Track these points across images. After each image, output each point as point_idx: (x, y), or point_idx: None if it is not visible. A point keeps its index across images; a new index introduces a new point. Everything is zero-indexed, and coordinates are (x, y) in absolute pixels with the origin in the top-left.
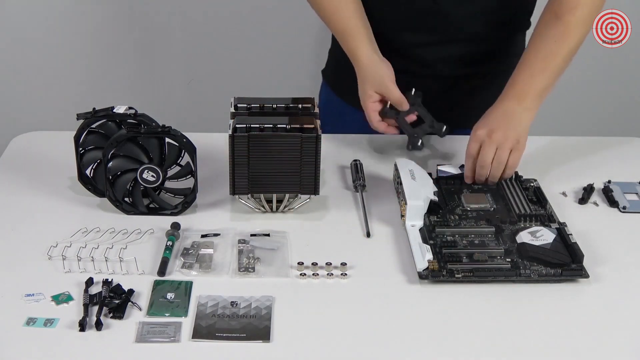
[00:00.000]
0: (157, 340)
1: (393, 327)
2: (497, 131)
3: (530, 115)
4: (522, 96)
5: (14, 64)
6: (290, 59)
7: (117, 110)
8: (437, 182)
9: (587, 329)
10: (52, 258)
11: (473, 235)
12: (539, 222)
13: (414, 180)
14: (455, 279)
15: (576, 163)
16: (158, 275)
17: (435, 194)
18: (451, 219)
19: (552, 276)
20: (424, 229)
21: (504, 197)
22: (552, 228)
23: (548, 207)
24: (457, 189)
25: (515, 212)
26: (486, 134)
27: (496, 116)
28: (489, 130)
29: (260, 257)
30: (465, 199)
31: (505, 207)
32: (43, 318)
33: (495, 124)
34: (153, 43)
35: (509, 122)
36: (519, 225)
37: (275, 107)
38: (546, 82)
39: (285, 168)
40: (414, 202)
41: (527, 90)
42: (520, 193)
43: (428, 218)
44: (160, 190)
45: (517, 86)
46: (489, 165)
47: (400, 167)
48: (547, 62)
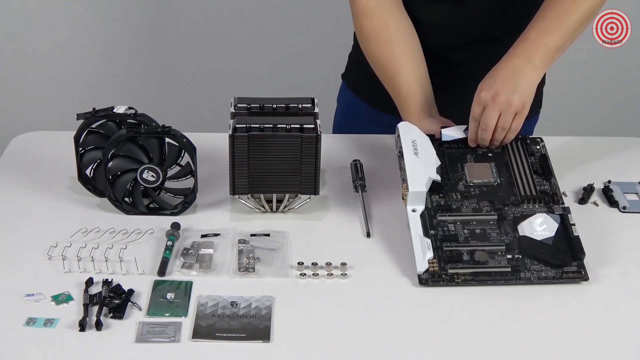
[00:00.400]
0: (157, 340)
1: (393, 327)
2: (502, 94)
3: (538, 74)
4: (532, 54)
5: (14, 64)
6: (291, 59)
7: (117, 110)
8: (440, 147)
9: (587, 330)
10: (52, 258)
11: (475, 222)
12: (542, 203)
13: (417, 156)
14: (455, 283)
15: (576, 163)
16: (158, 275)
17: (439, 170)
18: (453, 198)
19: (552, 279)
20: (425, 214)
21: (507, 166)
22: (555, 215)
23: (553, 181)
24: (461, 154)
25: (520, 191)
26: (490, 97)
27: (502, 76)
28: (494, 92)
29: (260, 257)
30: (469, 171)
31: (508, 182)
32: (43, 318)
33: (500, 85)
34: (153, 43)
35: (514, 84)
36: (522, 207)
37: (275, 107)
38: (559, 42)
39: (285, 168)
40: (417, 189)
41: (537, 47)
42: (525, 161)
43: (429, 198)
44: (160, 190)
45: (527, 43)
46: (491, 129)
47: (403, 133)
48: (561, 19)
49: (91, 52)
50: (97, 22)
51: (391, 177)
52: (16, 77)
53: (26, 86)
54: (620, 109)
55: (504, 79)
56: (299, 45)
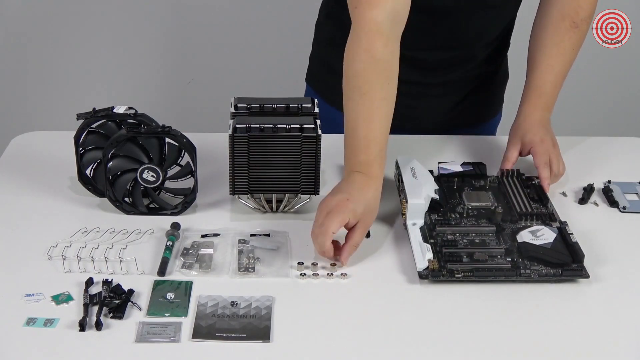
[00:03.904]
0: (157, 340)
1: (393, 327)
2: (550, 141)
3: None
4: (550, 105)
5: (14, 64)
6: (291, 59)
7: (117, 110)
8: (438, 179)
9: (587, 329)
10: (52, 258)
11: (474, 234)
12: (540, 220)
13: (415, 179)
14: (455, 278)
15: (576, 163)
16: (158, 275)
17: (437, 192)
18: (452, 217)
19: (552, 276)
20: (425, 227)
21: (505, 195)
22: (553, 227)
23: (549, 205)
24: (459, 186)
25: (517, 211)
26: (551, 145)
27: (538, 127)
28: (551, 140)
29: (260, 257)
30: (467, 197)
31: (506, 205)
32: (43, 318)
33: (543, 132)
34: (153, 43)
35: (548, 131)
36: (520, 224)
37: (275, 107)
38: (561, 87)
39: (285, 168)
40: (415, 201)
41: (552, 100)
42: (522, 191)
43: (429, 216)
44: (160, 190)
45: (547, 98)
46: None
47: (402, 164)
48: (565, 69)
49: (91, 52)
50: (97, 22)
51: (391, 177)
52: (16, 77)
53: (26, 86)
54: (620, 109)
55: (540, 129)
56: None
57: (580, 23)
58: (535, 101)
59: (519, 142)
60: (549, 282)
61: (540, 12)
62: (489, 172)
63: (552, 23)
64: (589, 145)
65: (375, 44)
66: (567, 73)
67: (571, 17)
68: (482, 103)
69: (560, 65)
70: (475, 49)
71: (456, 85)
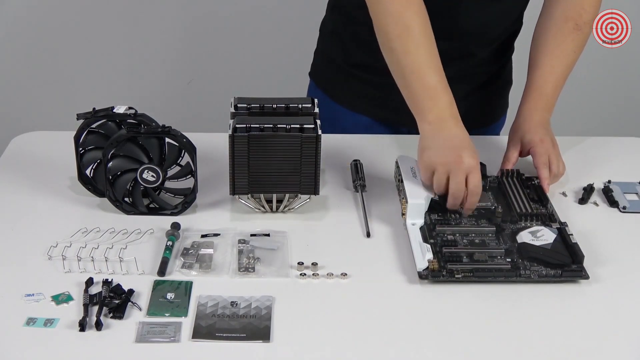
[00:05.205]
0: (157, 340)
1: (393, 327)
2: (550, 141)
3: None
4: (551, 106)
5: (14, 64)
6: (291, 59)
7: (117, 110)
8: None
9: (587, 329)
10: (52, 258)
11: (474, 234)
12: (539, 221)
13: (415, 178)
14: (455, 279)
15: (576, 163)
16: (158, 275)
17: (437, 194)
18: (452, 217)
19: (552, 277)
20: (425, 227)
21: (505, 195)
22: (553, 228)
23: (549, 206)
24: None
25: (517, 211)
26: (551, 145)
27: (538, 127)
28: (551, 140)
29: (260, 257)
30: None
31: (506, 206)
32: (43, 318)
33: (543, 133)
34: (153, 43)
35: (548, 132)
36: (520, 224)
37: (275, 107)
38: (561, 89)
39: (285, 168)
40: (415, 201)
41: (553, 101)
42: (522, 191)
43: (429, 216)
44: (160, 190)
45: (548, 99)
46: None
47: (402, 164)
48: (567, 71)
49: (91, 51)
50: (97, 22)
51: (391, 177)
52: (16, 77)
53: (26, 86)
54: (620, 109)
55: (540, 130)
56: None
57: (584, 26)
58: (535, 102)
59: (519, 142)
60: (549, 283)
61: (543, 14)
62: (489, 172)
63: (555, 24)
64: (589, 145)
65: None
66: (568, 75)
67: (574, 19)
68: (482, 106)
69: (561, 66)
70: (473, 44)
71: (454, 82)
